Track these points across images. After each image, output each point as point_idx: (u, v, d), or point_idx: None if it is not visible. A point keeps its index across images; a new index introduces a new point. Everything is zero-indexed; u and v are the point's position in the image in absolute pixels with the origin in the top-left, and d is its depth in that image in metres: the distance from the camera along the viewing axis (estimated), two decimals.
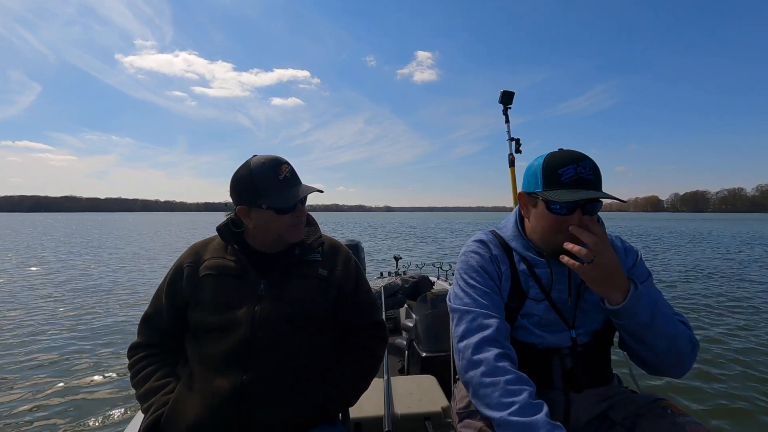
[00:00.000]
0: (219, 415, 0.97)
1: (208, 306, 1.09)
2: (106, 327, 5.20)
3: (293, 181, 1.13)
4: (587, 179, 0.97)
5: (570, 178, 0.97)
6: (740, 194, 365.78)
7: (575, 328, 1.05)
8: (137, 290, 7.74)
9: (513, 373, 0.94)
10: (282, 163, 1.12)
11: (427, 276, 4.09)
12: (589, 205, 0.99)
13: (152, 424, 1.00)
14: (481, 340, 0.98)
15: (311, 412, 1.05)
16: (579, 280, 1.06)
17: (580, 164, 0.98)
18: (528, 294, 1.07)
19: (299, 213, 1.13)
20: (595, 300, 1.05)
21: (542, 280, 1.07)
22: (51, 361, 4.00)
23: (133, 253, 14.71)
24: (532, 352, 1.05)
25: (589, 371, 1.05)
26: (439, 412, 1.59)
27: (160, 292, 1.18)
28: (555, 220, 1.00)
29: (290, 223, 1.13)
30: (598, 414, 1.03)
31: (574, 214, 0.98)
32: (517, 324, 1.07)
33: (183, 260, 1.18)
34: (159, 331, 1.16)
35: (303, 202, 1.15)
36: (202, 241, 1.24)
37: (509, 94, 2.59)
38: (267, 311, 1.07)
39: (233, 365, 1.02)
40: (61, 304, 6.53)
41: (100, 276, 9.45)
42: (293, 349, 1.07)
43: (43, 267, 10.94)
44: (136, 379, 1.10)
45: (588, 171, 0.98)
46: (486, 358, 0.95)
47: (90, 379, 3.55)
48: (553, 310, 1.06)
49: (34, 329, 5.06)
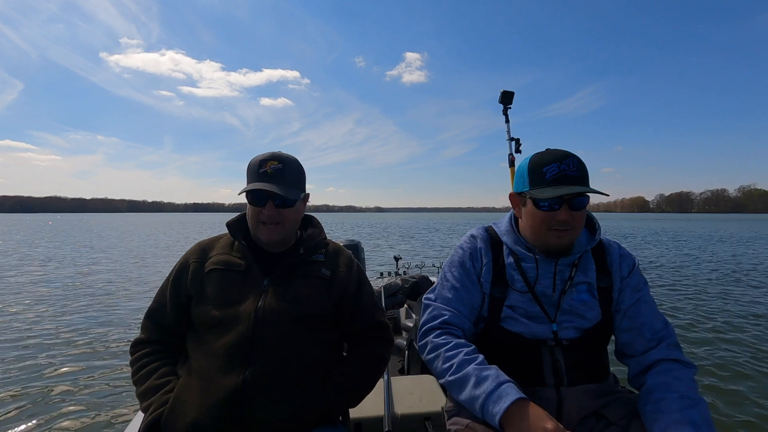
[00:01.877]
0: (219, 413, 0.97)
1: (211, 301, 1.10)
2: (107, 323, 5.16)
3: (272, 178, 1.12)
4: (571, 175, 1.02)
5: (554, 176, 1.03)
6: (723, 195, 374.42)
7: (556, 322, 1.08)
8: (142, 286, 7.70)
9: (452, 342, 1.05)
10: (273, 159, 1.14)
11: (427, 276, 4.09)
12: (574, 200, 1.03)
13: (152, 424, 0.99)
14: (431, 327, 1.12)
15: (312, 411, 1.05)
16: (566, 276, 1.10)
17: (564, 161, 1.03)
18: (513, 286, 1.11)
19: (268, 211, 1.12)
20: (581, 298, 1.09)
21: (527, 274, 1.11)
22: (51, 360, 3.93)
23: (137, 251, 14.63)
24: (521, 342, 1.08)
25: (579, 366, 1.07)
26: (439, 412, 1.58)
27: (165, 288, 1.19)
28: (543, 217, 1.05)
29: (259, 219, 1.13)
30: (593, 412, 1.04)
31: (560, 209, 1.02)
32: (504, 314, 1.11)
33: (189, 256, 1.20)
34: (162, 327, 1.16)
35: (283, 204, 1.13)
36: (209, 239, 1.26)
37: (509, 94, 2.59)
38: (269, 308, 1.08)
39: (235, 362, 1.02)
40: (61, 301, 6.44)
41: (100, 275, 9.34)
42: (294, 348, 1.07)
43: (44, 266, 10.77)
44: (137, 376, 1.10)
45: (572, 168, 1.03)
46: (430, 339, 1.09)
47: (90, 378, 3.50)
48: (536, 303, 1.09)
49: (34, 327, 4.99)
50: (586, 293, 1.10)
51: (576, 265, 1.11)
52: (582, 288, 1.10)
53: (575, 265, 1.11)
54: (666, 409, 0.89)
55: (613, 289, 1.11)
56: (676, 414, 0.87)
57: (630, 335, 1.08)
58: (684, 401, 0.89)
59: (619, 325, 1.10)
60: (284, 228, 1.16)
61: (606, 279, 1.12)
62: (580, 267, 1.11)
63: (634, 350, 1.06)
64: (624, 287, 1.11)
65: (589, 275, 1.11)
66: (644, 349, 1.04)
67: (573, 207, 1.03)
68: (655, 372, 0.99)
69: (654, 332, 1.05)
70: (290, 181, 1.15)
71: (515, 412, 0.87)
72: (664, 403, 0.90)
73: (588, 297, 1.09)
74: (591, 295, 1.10)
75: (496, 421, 0.88)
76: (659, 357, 1.01)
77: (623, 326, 1.09)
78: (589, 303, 1.09)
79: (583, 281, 1.10)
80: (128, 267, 10.95)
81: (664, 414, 0.88)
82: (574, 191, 1.00)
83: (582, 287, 1.10)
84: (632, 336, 1.07)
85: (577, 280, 1.10)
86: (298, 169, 1.19)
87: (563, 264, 1.10)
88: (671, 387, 0.93)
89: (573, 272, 1.10)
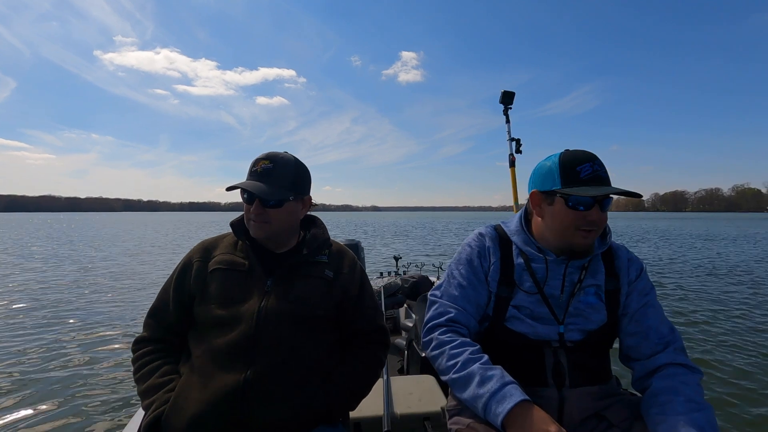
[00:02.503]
0: (220, 411, 0.97)
1: (214, 300, 1.10)
2: (109, 320, 5.15)
3: (260, 177, 1.12)
4: (603, 176, 1.04)
5: (588, 175, 1.03)
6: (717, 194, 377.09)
7: (564, 324, 1.08)
8: (145, 282, 7.69)
9: (457, 340, 1.05)
10: (264, 159, 1.14)
11: (426, 276, 4.10)
12: (604, 200, 1.03)
13: (153, 422, 0.99)
14: (436, 324, 1.12)
15: (312, 411, 1.05)
16: (575, 278, 1.10)
17: (596, 162, 1.04)
18: (521, 286, 1.11)
19: (255, 210, 1.12)
20: (589, 301, 1.09)
21: (537, 275, 1.11)
22: (51, 358, 3.93)
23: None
24: (524, 343, 1.08)
25: (582, 367, 1.07)
26: (439, 412, 1.58)
27: (168, 286, 1.19)
28: (575, 216, 1.03)
29: (248, 216, 1.14)
30: (595, 414, 1.04)
31: (592, 209, 1.02)
32: (509, 314, 1.11)
33: (192, 255, 1.20)
34: (165, 325, 1.16)
35: (272, 204, 1.12)
36: (213, 238, 1.26)
37: (510, 94, 2.57)
38: (272, 308, 1.08)
39: (237, 361, 1.02)
40: (62, 298, 6.40)
41: (102, 271, 9.34)
42: (296, 348, 1.08)
43: (42, 265, 10.71)
44: (139, 374, 1.10)
45: (602, 169, 1.05)
46: (435, 336, 1.09)
47: (91, 377, 3.50)
48: (544, 304, 1.09)
49: (34, 326, 4.98)
50: (593, 296, 1.10)
51: (586, 268, 1.11)
52: (590, 290, 1.10)
53: (585, 268, 1.11)
54: (672, 411, 0.89)
55: (620, 293, 1.11)
56: (681, 417, 0.87)
57: (636, 339, 1.08)
58: (690, 405, 0.90)
59: (625, 328, 1.10)
60: (272, 227, 1.14)
61: (614, 282, 1.12)
62: (589, 270, 1.11)
63: (639, 354, 1.07)
64: (631, 291, 1.11)
65: (598, 278, 1.11)
66: (651, 352, 1.05)
67: (602, 208, 1.03)
68: (661, 375, 0.99)
69: (661, 336, 1.05)
70: (278, 181, 1.13)
71: (518, 413, 0.87)
72: (670, 406, 0.91)
73: (595, 300, 1.09)
74: (598, 297, 1.10)
75: (498, 421, 0.88)
76: (666, 361, 1.01)
77: (630, 330, 1.09)
78: (596, 306, 1.09)
79: (592, 284, 1.10)
80: (131, 264, 10.91)
81: (669, 417, 0.88)
82: (613, 192, 1.00)
83: (590, 290, 1.10)
84: (638, 340, 1.07)
85: (587, 283, 1.10)
86: (291, 170, 1.16)
87: (573, 266, 1.10)
88: (677, 391, 0.93)
89: (583, 275, 1.10)
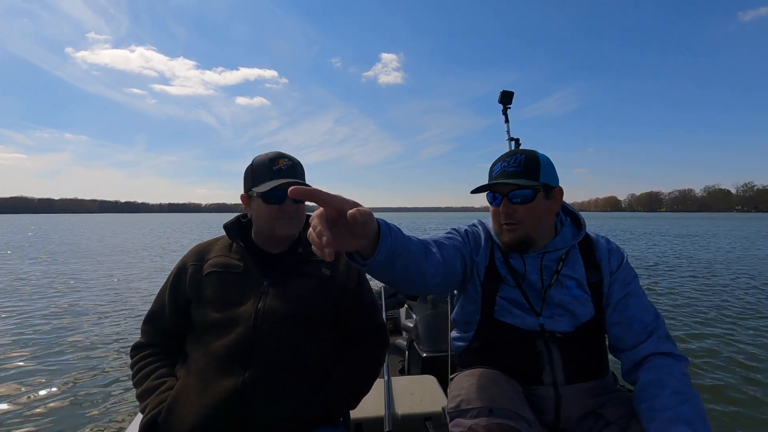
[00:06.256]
0: (220, 414, 0.96)
1: (211, 303, 1.10)
2: (108, 326, 5.06)
3: (287, 175, 1.13)
4: (509, 171, 1.10)
5: (497, 173, 1.13)
6: (690, 195, 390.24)
7: (542, 315, 1.10)
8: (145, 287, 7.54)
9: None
10: (282, 157, 1.15)
11: None
12: (511, 194, 1.09)
13: (149, 424, 0.98)
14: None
15: (312, 412, 1.04)
16: (553, 270, 1.12)
17: (508, 159, 1.11)
18: (504, 280, 1.14)
19: (288, 207, 1.13)
20: (573, 294, 1.10)
21: (516, 269, 1.14)
22: (52, 359, 3.90)
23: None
24: (516, 334, 1.11)
25: (576, 362, 1.08)
26: (440, 413, 1.59)
27: (163, 291, 1.18)
28: (494, 212, 1.15)
29: (277, 215, 1.13)
30: (592, 411, 1.04)
31: (501, 204, 1.11)
32: (498, 306, 1.13)
33: (187, 260, 1.20)
34: (161, 330, 1.17)
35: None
36: (207, 242, 1.25)
37: (509, 93, 2.58)
38: (270, 309, 1.07)
39: (235, 363, 1.02)
40: (64, 302, 6.30)
41: (100, 275, 9.18)
42: (295, 348, 1.07)
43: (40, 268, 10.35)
44: (136, 378, 1.10)
45: (512, 164, 1.10)
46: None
47: (92, 379, 3.45)
48: (523, 297, 1.12)
49: (35, 328, 4.94)
50: (577, 288, 1.11)
51: (563, 259, 1.13)
52: (572, 284, 1.11)
53: (562, 260, 1.13)
54: (660, 406, 0.90)
55: (603, 284, 1.12)
56: (669, 411, 0.88)
57: (620, 329, 1.08)
58: (677, 397, 0.90)
59: (609, 319, 1.10)
60: (301, 223, 1.18)
61: (596, 274, 1.12)
62: (567, 262, 1.13)
63: (624, 344, 1.07)
64: (614, 281, 1.12)
65: (577, 270, 1.12)
66: (634, 342, 1.04)
67: (512, 201, 1.09)
68: (647, 368, 0.99)
69: (644, 325, 1.05)
70: (302, 177, 1.18)
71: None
72: (657, 400, 0.91)
73: (580, 292, 1.10)
74: (582, 290, 1.11)
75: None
76: (650, 351, 1.02)
77: (613, 320, 1.09)
78: (581, 298, 1.10)
79: (570, 276, 1.12)
80: (129, 269, 10.64)
81: (658, 412, 0.89)
82: (494, 182, 1.09)
83: (572, 283, 1.11)
84: (622, 330, 1.07)
85: (564, 274, 1.12)
86: (303, 167, 1.22)
87: (549, 259, 1.12)
88: (663, 383, 0.93)
89: (560, 266, 1.12)
